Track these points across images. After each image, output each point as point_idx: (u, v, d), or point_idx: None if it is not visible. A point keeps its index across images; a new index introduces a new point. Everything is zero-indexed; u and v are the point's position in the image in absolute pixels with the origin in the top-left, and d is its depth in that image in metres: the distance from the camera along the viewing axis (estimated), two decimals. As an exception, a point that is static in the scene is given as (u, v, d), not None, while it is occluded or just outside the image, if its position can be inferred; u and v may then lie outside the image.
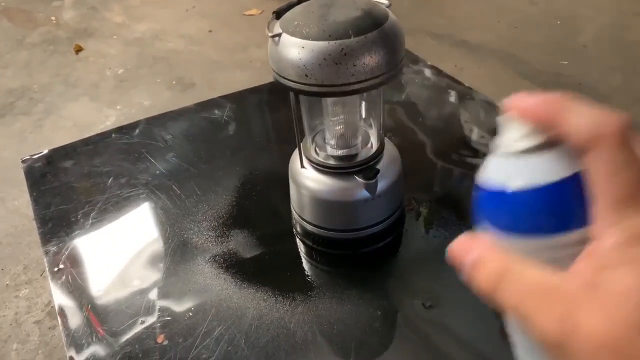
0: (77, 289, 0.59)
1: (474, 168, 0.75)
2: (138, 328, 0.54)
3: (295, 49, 0.45)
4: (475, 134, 0.81)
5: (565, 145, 0.21)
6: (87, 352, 0.53)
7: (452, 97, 0.90)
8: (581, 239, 0.21)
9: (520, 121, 0.22)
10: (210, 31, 2.63)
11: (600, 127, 0.20)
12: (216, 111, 0.88)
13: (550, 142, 0.22)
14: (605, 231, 0.20)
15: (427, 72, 0.96)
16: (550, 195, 0.21)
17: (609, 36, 2.36)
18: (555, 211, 0.21)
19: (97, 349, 0.53)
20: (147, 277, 0.60)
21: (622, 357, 0.18)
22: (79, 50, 2.53)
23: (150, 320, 0.55)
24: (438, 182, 0.74)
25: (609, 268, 0.19)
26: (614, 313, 0.19)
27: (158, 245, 0.64)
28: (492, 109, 0.86)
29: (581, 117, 0.21)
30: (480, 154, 0.76)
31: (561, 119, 0.21)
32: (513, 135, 0.23)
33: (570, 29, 2.43)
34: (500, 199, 0.23)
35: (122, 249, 0.65)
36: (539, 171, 0.21)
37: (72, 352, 0.53)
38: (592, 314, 0.19)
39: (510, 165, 0.22)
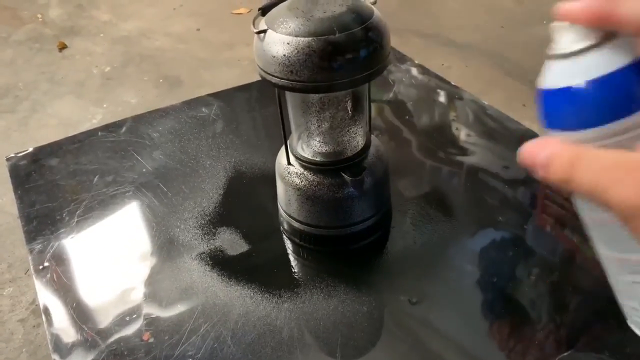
0: (62, 287, 0.59)
1: (461, 166, 0.76)
2: (123, 326, 0.54)
3: (281, 46, 0.45)
4: (462, 132, 0.82)
5: (621, 37, 0.23)
6: (72, 350, 0.52)
7: (439, 96, 0.91)
8: None
9: (574, 25, 0.24)
10: (198, 29, 2.62)
11: None
12: (203, 109, 0.88)
13: (605, 37, 0.23)
14: None
15: (414, 71, 0.96)
16: (611, 83, 0.23)
17: (594, 36, 2.39)
18: (618, 96, 0.23)
19: (82, 347, 0.52)
20: (133, 275, 0.60)
21: None
22: (62, 47, 2.50)
23: (136, 318, 0.55)
24: (425, 180, 0.74)
25: None
26: None
27: (144, 243, 0.64)
28: (478, 107, 0.87)
29: (633, 3, 0.21)
30: (467, 151, 0.77)
31: (612, 12, 0.22)
32: (569, 39, 0.24)
33: (556, 28, 2.45)
34: (564, 97, 0.24)
35: (107, 247, 0.64)
36: (598, 65, 0.23)
37: (56, 351, 0.52)
38: None
39: (569, 65, 0.24)
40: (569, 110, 0.24)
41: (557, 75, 0.24)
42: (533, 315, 0.53)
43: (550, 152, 0.24)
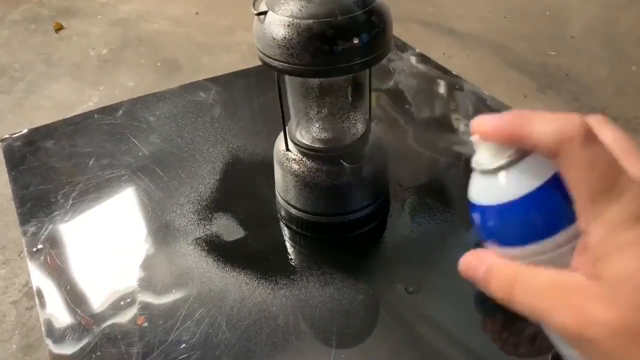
0: (56, 269, 0.58)
1: (460, 156, 0.75)
2: (118, 310, 0.54)
3: (281, 28, 0.44)
4: (461, 122, 0.81)
5: (535, 154, 0.23)
6: (65, 333, 0.52)
7: (440, 86, 0.90)
8: (573, 234, 0.22)
9: (490, 141, 0.24)
10: (197, 13, 2.59)
11: (564, 130, 0.21)
12: (201, 94, 0.87)
13: (522, 154, 0.23)
14: (591, 225, 0.21)
15: (415, 60, 0.95)
16: (533, 202, 0.23)
17: (597, 28, 2.38)
18: (542, 216, 0.23)
19: (75, 330, 0.52)
20: (128, 259, 0.59)
21: (637, 337, 0.20)
22: (59, 28, 2.47)
23: (130, 302, 0.54)
24: (424, 169, 0.73)
25: (603, 259, 0.21)
26: (619, 298, 0.20)
27: (140, 228, 0.63)
28: (479, 97, 0.86)
29: (545, 126, 0.22)
30: (467, 142, 0.76)
31: (526, 131, 0.22)
32: (486, 155, 0.24)
33: (558, 20, 2.44)
34: (490, 216, 0.24)
35: (102, 231, 0.64)
36: (516, 184, 0.23)
37: (49, 334, 0.52)
38: (601, 304, 0.21)
39: (489, 184, 0.24)
40: (500, 226, 0.24)
41: (483, 191, 0.25)
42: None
43: (488, 268, 0.24)
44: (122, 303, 0.54)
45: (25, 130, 0.80)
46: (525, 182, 0.23)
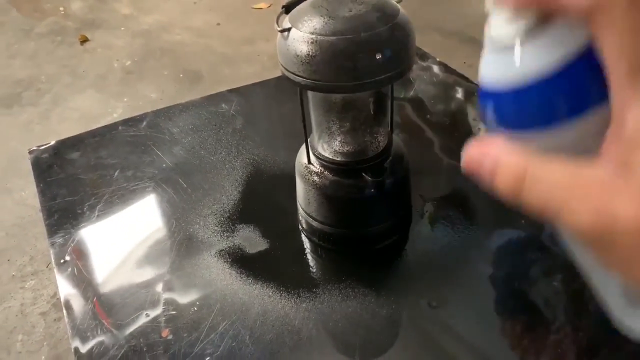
0: (83, 281, 0.59)
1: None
2: (143, 321, 0.54)
3: (304, 45, 0.45)
4: (483, 132, 0.81)
5: (563, 20, 0.18)
6: (92, 344, 0.53)
7: (461, 94, 0.90)
8: (601, 119, 0.18)
9: (506, 5, 0.19)
10: (218, 24, 2.63)
11: None
12: (223, 105, 0.88)
13: (544, 19, 0.19)
14: (626, 106, 0.17)
15: (436, 69, 0.95)
16: (557, 79, 0.19)
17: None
18: (567, 95, 0.19)
19: (102, 341, 0.53)
20: (153, 271, 0.60)
21: None
22: (84, 40, 2.52)
23: (155, 314, 0.55)
24: (446, 180, 0.73)
25: (638, 149, 0.17)
26: None
27: (164, 239, 0.64)
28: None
29: None
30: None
31: None
32: (501, 24, 0.20)
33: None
34: (503, 97, 0.20)
35: (128, 242, 0.65)
36: (539, 57, 0.19)
37: (77, 344, 0.53)
38: (629, 200, 0.17)
39: (502, 60, 0.20)
40: (514, 109, 0.20)
41: (494, 69, 0.20)
42: (557, 323, 0.52)
43: (493, 161, 0.20)
44: (147, 314, 0.55)
45: (52, 142, 0.82)
46: (547, 54, 0.19)
